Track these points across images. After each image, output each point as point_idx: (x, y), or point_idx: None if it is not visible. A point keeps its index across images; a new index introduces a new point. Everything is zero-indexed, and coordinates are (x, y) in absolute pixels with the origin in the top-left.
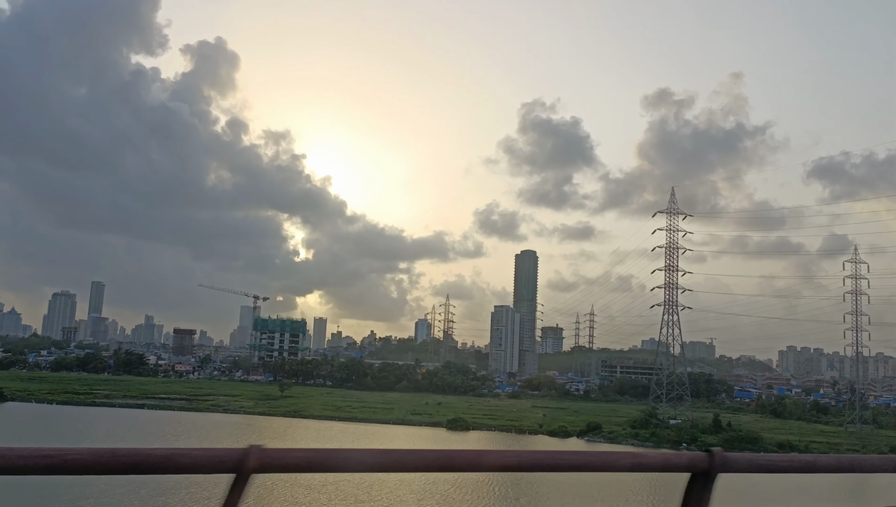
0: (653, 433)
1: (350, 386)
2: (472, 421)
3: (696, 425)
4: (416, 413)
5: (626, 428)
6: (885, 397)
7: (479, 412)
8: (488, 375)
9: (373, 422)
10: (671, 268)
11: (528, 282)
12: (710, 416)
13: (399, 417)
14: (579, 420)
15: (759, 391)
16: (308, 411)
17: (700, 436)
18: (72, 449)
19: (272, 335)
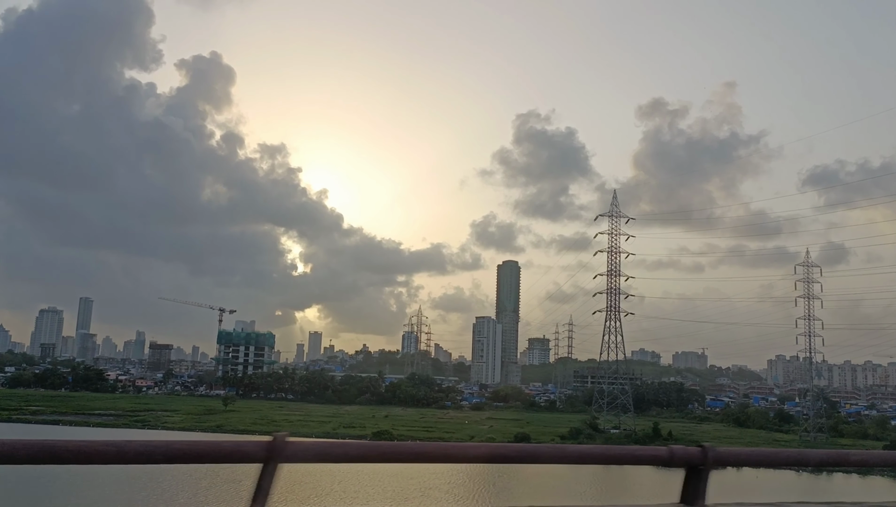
0: (580, 443)
1: (311, 399)
2: (406, 434)
3: (631, 434)
4: (350, 426)
5: (554, 439)
6: (858, 406)
7: (423, 425)
8: (453, 386)
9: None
10: (613, 273)
11: (510, 293)
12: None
13: (327, 430)
14: (516, 431)
15: (732, 401)
16: (231, 426)
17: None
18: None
19: (237, 349)
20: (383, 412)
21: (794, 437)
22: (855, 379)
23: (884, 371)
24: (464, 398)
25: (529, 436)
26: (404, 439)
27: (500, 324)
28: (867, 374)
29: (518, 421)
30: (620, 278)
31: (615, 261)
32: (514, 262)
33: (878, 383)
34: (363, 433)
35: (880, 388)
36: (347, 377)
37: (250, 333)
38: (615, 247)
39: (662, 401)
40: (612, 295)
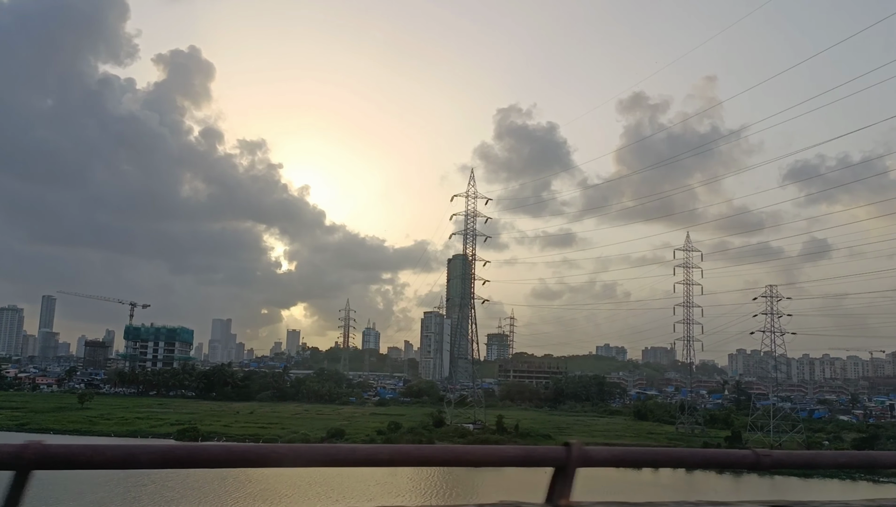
0: (410, 440)
1: (212, 396)
2: (219, 431)
3: (484, 429)
4: (178, 424)
5: (371, 434)
6: (773, 399)
7: (275, 421)
8: (364, 381)
9: (102, 435)
10: (471, 257)
11: (460, 287)
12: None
13: (141, 429)
14: (374, 426)
15: (662, 395)
16: (36, 424)
17: (458, 440)
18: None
19: (146, 345)
20: (262, 408)
21: (670, 428)
22: (813, 373)
23: (842, 364)
24: (377, 394)
25: (344, 432)
26: (214, 436)
27: (450, 319)
28: (825, 367)
29: (389, 415)
30: (475, 262)
31: (472, 245)
32: (463, 256)
33: (833, 377)
34: (167, 432)
35: (833, 381)
36: (251, 373)
37: (160, 328)
38: (470, 230)
39: (581, 395)
40: (465, 284)
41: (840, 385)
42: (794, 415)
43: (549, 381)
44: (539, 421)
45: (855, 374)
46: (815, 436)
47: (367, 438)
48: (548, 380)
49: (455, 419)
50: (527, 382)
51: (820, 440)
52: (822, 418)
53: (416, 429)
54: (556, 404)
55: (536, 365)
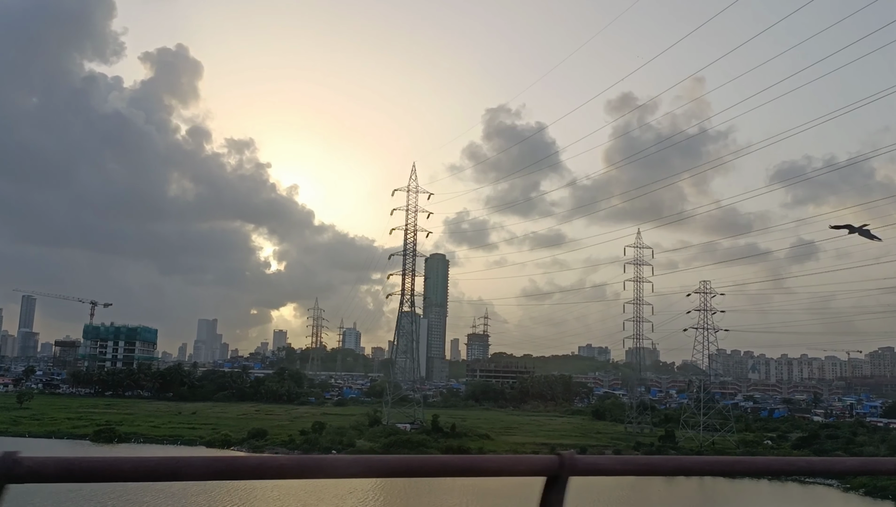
0: (331, 440)
1: (169, 396)
2: (137, 431)
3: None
4: (99, 424)
5: (292, 434)
6: (736, 400)
7: (213, 422)
8: (325, 381)
9: (18, 436)
10: (409, 253)
11: (437, 286)
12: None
13: (60, 429)
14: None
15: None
16: None
17: (383, 439)
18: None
19: (105, 344)
20: (212, 409)
21: (620, 428)
22: (791, 372)
23: (820, 364)
24: (341, 394)
25: (266, 433)
26: (131, 435)
27: (426, 319)
28: (803, 367)
29: (340, 415)
30: (415, 257)
31: (414, 240)
32: (441, 254)
33: (810, 377)
34: (84, 433)
35: (808, 381)
36: (209, 373)
37: (120, 327)
38: (412, 225)
39: (546, 395)
40: (405, 280)
41: (814, 385)
42: (725, 413)
43: (515, 381)
44: (490, 421)
45: (833, 374)
46: (767, 435)
47: (287, 439)
48: (514, 380)
49: (392, 419)
50: (494, 382)
51: (760, 439)
52: (783, 417)
53: (344, 429)
54: (520, 403)
55: (504, 365)
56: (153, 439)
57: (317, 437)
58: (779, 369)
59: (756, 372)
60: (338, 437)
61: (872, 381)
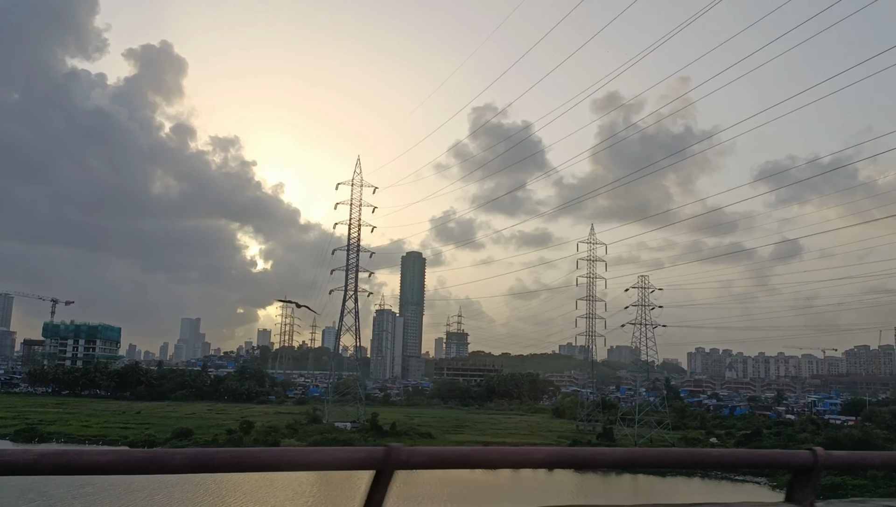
0: (255, 439)
1: (126, 396)
2: (83, 432)
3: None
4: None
5: (221, 433)
6: (701, 398)
7: (153, 421)
8: (287, 380)
9: None
10: (353, 248)
11: (413, 285)
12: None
13: None
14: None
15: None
16: None
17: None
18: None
19: (65, 342)
20: (160, 408)
21: (570, 425)
22: (768, 370)
23: (797, 363)
24: (306, 393)
25: (192, 433)
26: (55, 435)
27: (402, 317)
28: (779, 365)
29: (293, 415)
30: (359, 253)
31: (357, 231)
32: (417, 253)
33: (785, 375)
34: (6, 432)
35: (783, 379)
36: (167, 372)
37: (80, 325)
38: (356, 219)
39: (512, 393)
40: (349, 275)
41: (788, 383)
42: (660, 410)
43: (482, 379)
44: (444, 419)
45: (809, 372)
46: (716, 431)
47: (211, 439)
48: (481, 378)
49: (333, 418)
50: (461, 380)
51: (701, 436)
52: (743, 414)
53: (277, 428)
54: (485, 402)
55: (473, 363)
56: (77, 439)
57: (241, 436)
58: (755, 368)
59: (733, 370)
60: (262, 436)
61: (848, 379)
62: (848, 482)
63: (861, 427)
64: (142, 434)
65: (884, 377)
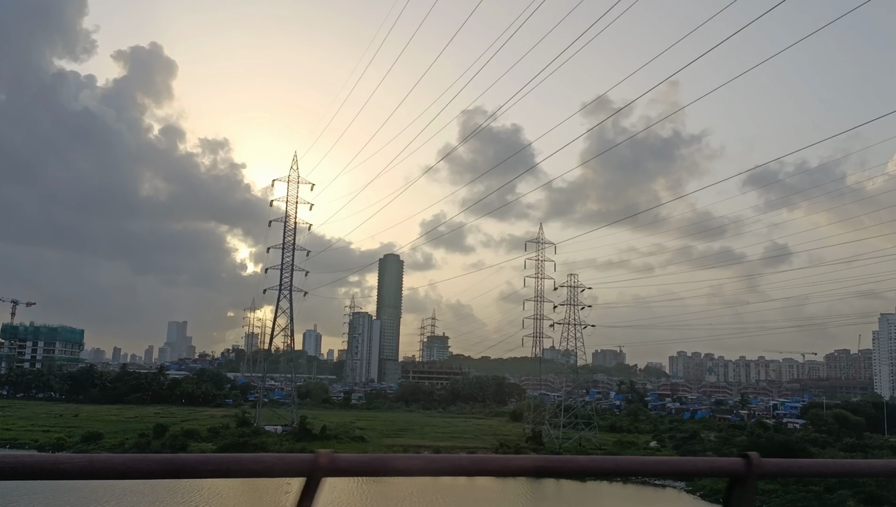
0: (163, 443)
1: (80, 398)
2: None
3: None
4: None
5: (134, 436)
6: (665, 401)
7: (84, 425)
8: (248, 383)
9: None
10: (287, 247)
11: (391, 288)
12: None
13: None
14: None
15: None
16: None
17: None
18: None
19: (24, 344)
20: (106, 412)
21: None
22: (748, 374)
23: (777, 366)
24: (267, 396)
25: (102, 436)
26: None
27: (379, 320)
28: (760, 369)
29: (227, 416)
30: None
31: (290, 238)
32: (395, 255)
33: (765, 379)
34: None
35: (760, 383)
36: (122, 374)
37: (40, 327)
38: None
39: (477, 396)
40: (284, 274)
41: (765, 387)
42: (591, 412)
43: (447, 382)
44: (394, 422)
45: (790, 376)
46: (665, 434)
47: (117, 443)
48: (446, 381)
49: (264, 421)
50: (427, 383)
51: (637, 440)
52: (702, 418)
53: (196, 431)
54: (448, 405)
55: (439, 367)
56: None
57: (149, 440)
58: (736, 371)
59: (713, 374)
60: (169, 441)
61: (827, 383)
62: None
63: (803, 430)
64: (52, 438)
65: (863, 381)
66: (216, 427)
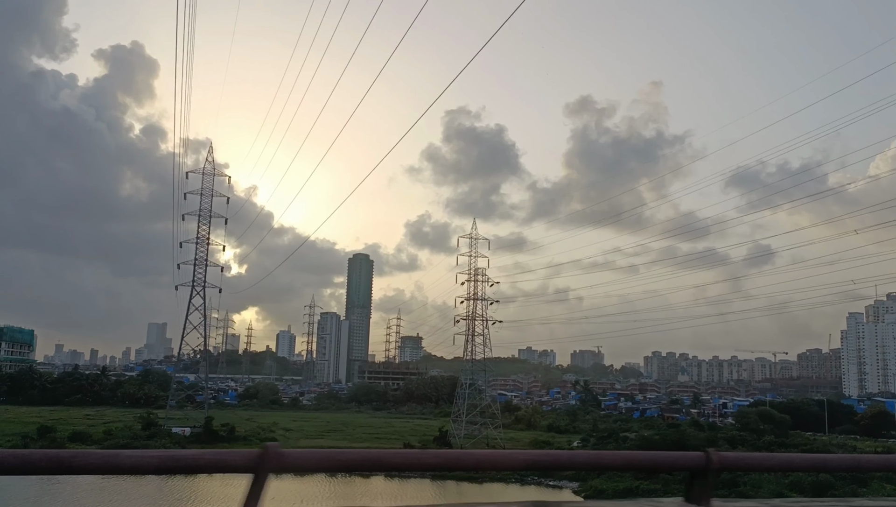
0: (42, 447)
1: (19, 400)
2: None
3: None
4: None
5: (15, 439)
6: (619, 401)
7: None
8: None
9: None
10: (202, 241)
11: (360, 288)
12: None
13: None
14: None
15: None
16: None
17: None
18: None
19: None
20: (34, 413)
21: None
22: (721, 374)
23: (750, 366)
24: (216, 397)
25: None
26: None
27: (348, 320)
28: (732, 369)
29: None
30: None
31: (208, 234)
32: (365, 255)
33: (737, 378)
34: None
35: (730, 383)
36: (64, 376)
37: None
38: (206, 211)
39: (431, 397)
40: (197, 268)
41: (733, 386)
42: (495, 411)
43: (401, 382)
44: (327, 422)
45: (762, 375)
46: (596, 434)
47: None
48: (400, 381)
49: (172, 422)
50: (382, 384)
51: (548, 440)
52: (651, 417)
53: (87, 433)
54: (400, 405)
55: (395, 368)
56: None
57: (26, 444)
58: (709, 371)
59: (686, 374)
60: (48, 443)
61: (799, 382)
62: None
63: (728, 428)
64: None
65: (833, 380)
66: (112, 429)
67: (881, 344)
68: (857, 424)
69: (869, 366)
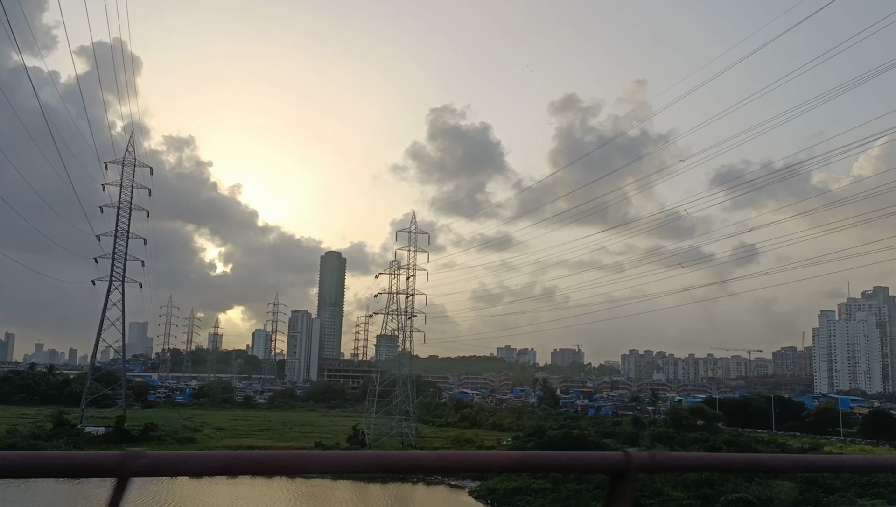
0: None
1: None
2: None
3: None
4: None
5: None
6: (577, 399)
7: None
8: (144, 383)
9: None
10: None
11: (332, 286)
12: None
13: None
14: None
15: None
16: None
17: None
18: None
19: None
20: None
21: None
22: (697, 372)
23: (726, 364)
24: (169, 397)
25: None
26: None
27: (319, 319)
28: (708, 367)
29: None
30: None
31: (127, 226)
32: (337, 252)
33: (712, 376)
34: None
35: (703, 380)
36: (11, 373)
37: None
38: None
39: (388, 394)
40: (117, 263)
41: (705, 384)
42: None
43: (361, 381)
44: (262, 421)
45: (738, 373)
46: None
47: None
48: (360, 380)
49: (88, 422)
50: (342, 382)
51: (470, 438)
52: (607, 415)
53: None
54: (357, 404)
55: (354, 366)
56: None
57: None
58: (686, 369)
59: (661, 372)
60: None
61: (773, 380)
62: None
63: (658, 424)
64: None
65: (806, 378)
66: (17, 428)
67: (852, 342)
68: (803, 420)
69: (839, 364)
